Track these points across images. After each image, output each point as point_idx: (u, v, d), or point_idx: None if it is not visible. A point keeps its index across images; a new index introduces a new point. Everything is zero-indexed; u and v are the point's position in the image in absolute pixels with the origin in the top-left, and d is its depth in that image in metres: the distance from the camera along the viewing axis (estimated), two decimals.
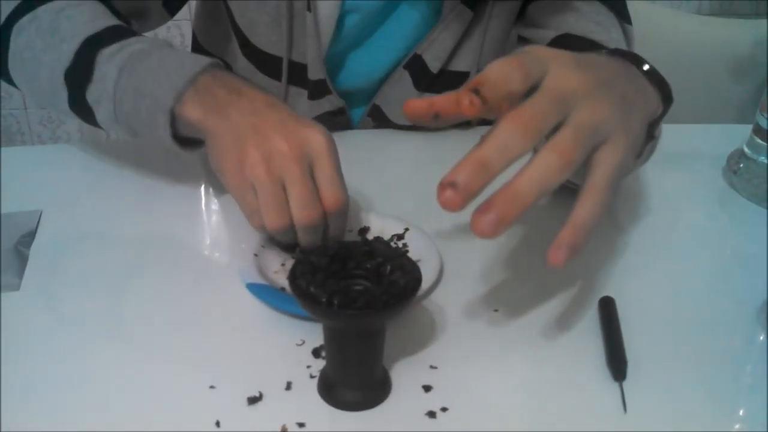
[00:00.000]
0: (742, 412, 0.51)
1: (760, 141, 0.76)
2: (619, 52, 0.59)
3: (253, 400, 0.49)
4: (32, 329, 0.55)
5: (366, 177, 0.72)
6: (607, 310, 0.57)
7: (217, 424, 0.47)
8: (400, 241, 0.64)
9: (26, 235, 0.64)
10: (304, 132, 0.56)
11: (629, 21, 0.80)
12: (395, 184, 0.75)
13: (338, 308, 0.44)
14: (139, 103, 0.61)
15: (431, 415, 0.49)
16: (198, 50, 0.92)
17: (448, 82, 0.84)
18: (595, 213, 0.45)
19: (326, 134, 0.57)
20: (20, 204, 0.69)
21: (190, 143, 0.63)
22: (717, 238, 0.70)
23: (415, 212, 0.66)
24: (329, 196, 0.56)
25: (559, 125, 0.45)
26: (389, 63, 0.84)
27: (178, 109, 0.60)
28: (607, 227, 0.70)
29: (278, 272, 0.60)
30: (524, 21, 0.84)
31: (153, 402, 0.49)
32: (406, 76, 0.83)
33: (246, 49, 0.83)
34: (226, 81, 0.61)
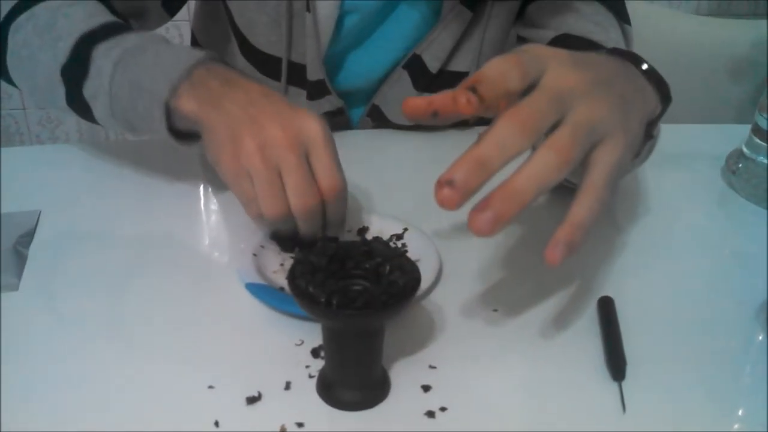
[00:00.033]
0: (741, 412, 0.51)
1: (758, 141, 0.76)
2: (617, 52, 0.59)
3: (252, 399, 0.49)
4: (31, 329, 0.55)
5: (365, 177, 0.71)
6: (606, 310, 0.57)
7: (216, 424, 0.47)
8: (399, 241, 0.64)
9: (25, 235, 0.64)
10: (299, 120, 0.56)
11: (628, 21, 0.80)
12: (394, 184, 0.75)
13: (337, 308, 0.44)
14: (135, 98, 0.61)
15: (430, 414, 0.49)
16: None
17: (447, 82, 0.84)
18: (592, 211, 0.45)
19: (322, 122, 0.57)
20: (19, 204, 0.69)
21: (187, 137, 0.63)
22: (716, 238, 0.70)
23: (414, 212, 0.66)
24: (326, 183, 0.56)
25: (557, 124, 0.45)
26: (388, 63, 0.84)
27: (174, 102, 0.59)
28: (606, 227, 0.70)
29: (277, 272, 0.60)
30: (523, 21, 0.84)
31: (152, 402, 0.49)
32: (405, 77, 0.83)
33: (245, 50, 0.83)
34: (220, 73, 0.61)
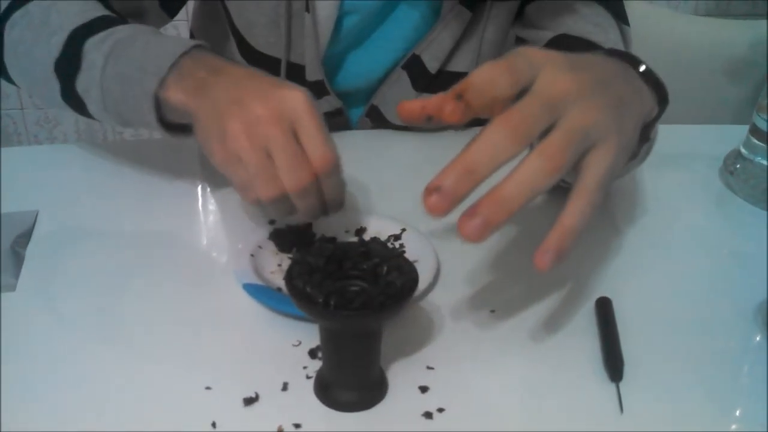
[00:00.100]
0: (738, 412, 0.51)
1: (756, 142, 0.76)
2: (615, 53, 0.58)
3: (249, 400, 0.49)
4: (29, 329, 0.55)
5: (363, 177, 0.71)
6: (604, 311, 0.57)
7: (213, 425, 0.47)
8: (397, 242, 0.64)
9: (22, 236, 0.64)
10: (280, 93, 0.54)
11: (627, 22, 0.79)
12: (393, 184, 0.75)
13: (334, 309, 0.44)
14: (125, 90, 0.61)
15: (428, 415, 0.49)
16: None
17: (446, 82, 0.83)
18: (583, 217, 0.45)
19: (303, 93, 0.55)
20: (16, 204, 0.68)
21: (180, 129, 0.62)
22: (714, 239, 0.70)
23: (412, 213, 0.65)
24: (317, 157, 0.54)
25: (550, 127, 0.45)
26: (387, 63, 0.83)
27: (162, 93, 0.59)
28: (604, 227, 0.70)
29: (275, 272, 0.60)
30: (522, 22, 0.84)
31: (149, 402, 0.49)
32: (404, 77, 0.83)
33: (244, 50, 0.83)
34: (208, 62, 0.60)
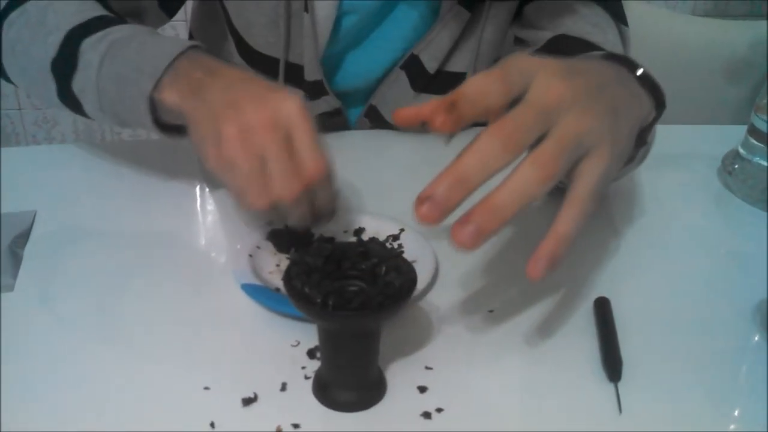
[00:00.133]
0: (737, 412, 0.51)
1: (755, 142, 0.76)
2: (612, 57, 0.58)
3: (247, 401, 0.49)
4: (27, 330, 0.55)
5: (362, 177, 0.71)
6: (603, 311, 0.57)
7: (212, 425, 0.47)
8: (396, 242, 0.64)
9: (20, 236, 0.64)
10: (274, 101, 0.54)
11: (625, 22, 0.80)
12: (391, 184, 0.75)
13: (333, 309, 0.44)
14: (121, 91, 0.61)
15: (426, 415, 0.49)
16: None
17: (444, 82, 0.84)
18: (576, 225, 0.45)
19: (297, 100, 0.55)
20: (15, 204, 0.68)
21: (176, 130, 0.62)
22: (712, 239, 0.70)
23: (410, 213, 0.64)
24: (309, 167, 0.54)
25: (543, 135, 0.45)
26: (386, 63, 0.83)
27: (158, 95, 0.59)
28: (603, 228, 0.70)
29: (273, 273, 0.60)
30: (521, 22, 0.84)
31: (148, 403, 0.49)
32: (402, 77, 0.83)
33: (242, 50, 0.83)
34: (203, 63, 0.60)
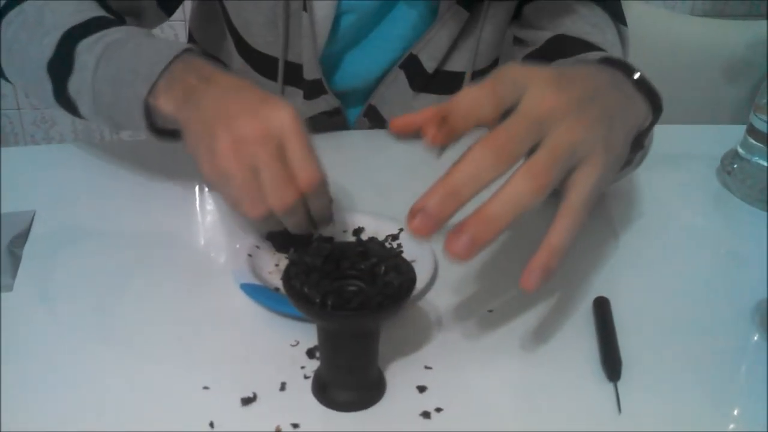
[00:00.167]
0: (736, 412, 0.51)
1: (754, 142, 0.76)
2: (609, 61, 0.58)
3: (247, 400, 0.49)
4: (26, 330, 0.55)
5: (361, 177, 0.71)
6: (602, 311, 0.57)
7: (211, 425, 0.47)
8: (395, 242, 0.64)
9: (19, 236, 0.64)
10: (267, 112, 0.54)
11: (624, 22, 0.80)
12: (390, 184, 0.75)
13: (332, 309, 0.44)
14: (117, 94, 0.61)
15: (426, 415, 0.49)
16: None
17: (443, 82, 0.84)
18: (569, 236, 0.46)
19: (290, 110, 0.54)
20: (13, 204, 0.68)
21: (170, 134, 0.62)
22: (711, 239, 0.70)
23: None
24: (303, 176, 0.54)
25: (537, 146, 0.45)
26: (385, 63, 0.84)
27: (152, 101, 0.59)
28: (602, 227, 0.70)
29: (272, 273, 0.60)
30: (520, 22, 0.84)
31: (147, 403, 0.49)
32: (401, 76, 0.83)
33: (241, 49, 0.83)
34: (197, 68, 0.59)
